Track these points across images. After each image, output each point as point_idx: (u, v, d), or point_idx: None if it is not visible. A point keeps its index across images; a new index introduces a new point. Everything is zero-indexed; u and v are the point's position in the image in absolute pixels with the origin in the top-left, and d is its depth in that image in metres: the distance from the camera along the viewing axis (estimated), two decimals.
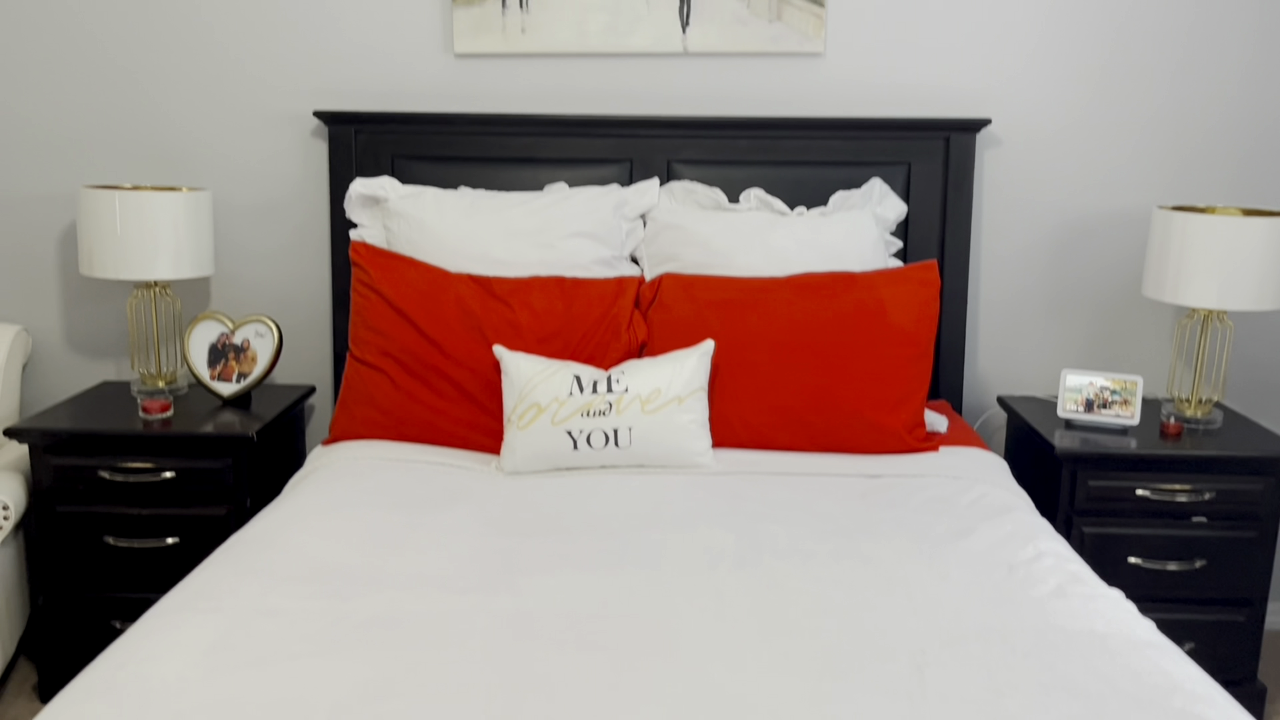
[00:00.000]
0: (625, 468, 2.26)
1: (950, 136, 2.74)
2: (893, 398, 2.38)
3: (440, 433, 2.39)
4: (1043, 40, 2.78)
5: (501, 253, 2.54)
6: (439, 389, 2.40)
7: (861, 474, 2.25)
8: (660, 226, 2.64)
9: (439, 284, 2.47)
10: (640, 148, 2.75)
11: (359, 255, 2.52)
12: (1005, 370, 2.95)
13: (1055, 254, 2.88)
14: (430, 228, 2.57)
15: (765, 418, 2.37)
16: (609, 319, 2.45)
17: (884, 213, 2.68)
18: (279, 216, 2.89)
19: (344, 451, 2.35)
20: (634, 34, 2.77)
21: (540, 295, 2.46)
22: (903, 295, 2.43)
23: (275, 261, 2.91)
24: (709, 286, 2.48)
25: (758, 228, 2.60)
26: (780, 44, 2.77)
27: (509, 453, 2.26)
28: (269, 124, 2.84)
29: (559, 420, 2.23)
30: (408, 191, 2.65)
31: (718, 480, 2.21)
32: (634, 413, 2.23)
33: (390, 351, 2.43)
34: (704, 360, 2.33)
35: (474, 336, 2.40)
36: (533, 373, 2.28)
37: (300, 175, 2.86)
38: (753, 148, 2.75)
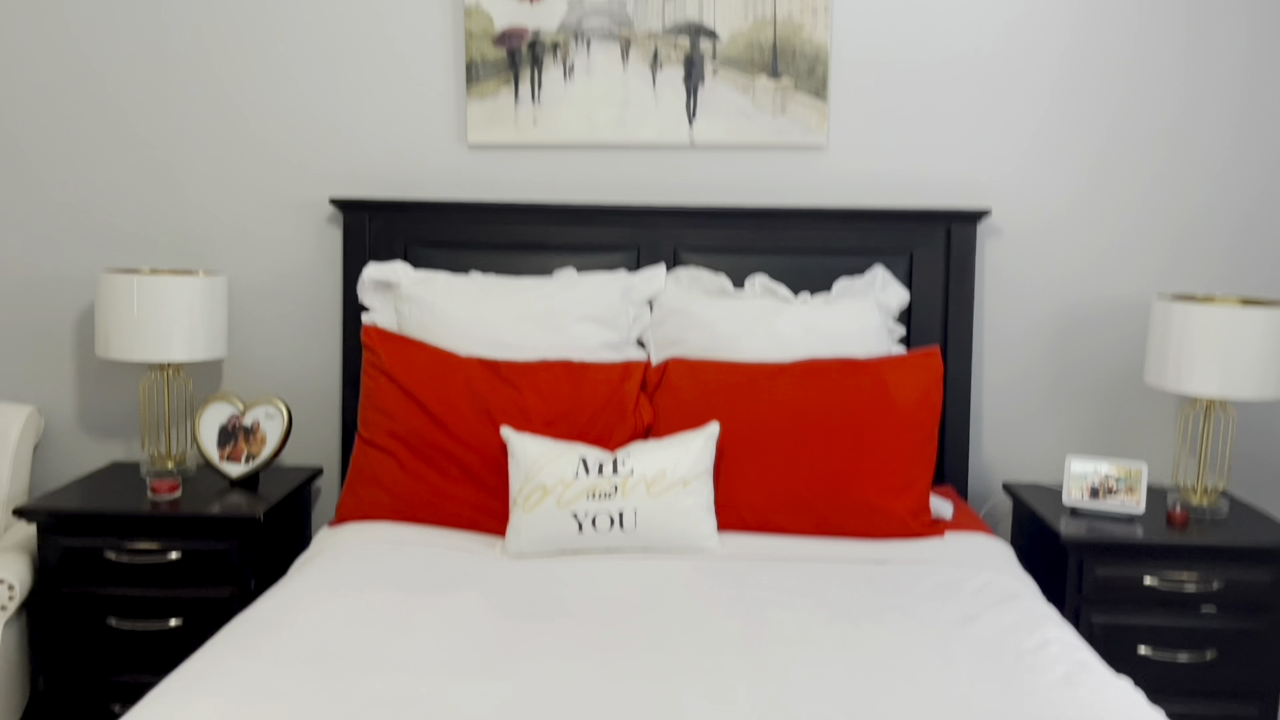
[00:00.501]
0: (630, 551, 2.26)
1: (951, 226, 2.79)
2: (897, 483, 2.38)
3: (446, 515, 2.40)
4: (1040, 132, 2.85)
5: (510, 336, 2.58)
6: (445, 471, 2.41)
7: (867, 559, 2.25)
8: (667, 311, 2.68)
9: (448, 367, 2.50)
10: (648, 235, 2.80)
11: (370, 338, 2.56)
12: (1010, 456, 2.95)
13: (1057, 341, 2.91)
14: (441, 312, 2.61)
15: (770, 501, 2.37)
16: (615, 402, 2.47)
17: (887, 300, 2.71)
18: (292, 300, 2.94)
19: (350, 533, 2.35)
20: (642, 126, 2.85)
21: (548, 378, 2.49)
22: (906, 380, 2.45)
23: (287, 344, 2.95)
24: (714, 370, 2.51)
25: (762, 313, 2.63)
26: (784, 136, 2.84)
27: (514, 535, 2.26)
28: (286, 210, 2.91)
29: (564, 502, 2.24)
30: (419, 276, 2.70)
31: (723, 565, 2.20)
32: (639, 495, 2.24)
33: (398, 433, 2.45)
34: (709, 443, 2.35)
35: (481, 418, 2.42)
36: (539, 454, 2.29)
37: (315, 260, 2.92)
38: (757, 236, 2.80)
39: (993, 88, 2.84)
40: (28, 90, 2.90)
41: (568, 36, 2.83)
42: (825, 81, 2.81)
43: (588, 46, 2.84)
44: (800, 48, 2.81)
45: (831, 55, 2.82)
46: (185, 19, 2.86)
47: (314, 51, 2.87)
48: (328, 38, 2.86)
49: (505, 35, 2.84)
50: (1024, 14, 2.82)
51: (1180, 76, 2.82)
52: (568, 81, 2.85)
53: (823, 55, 2.81)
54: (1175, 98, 2.83)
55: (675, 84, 2.84)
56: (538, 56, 2.84)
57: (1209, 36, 2.80)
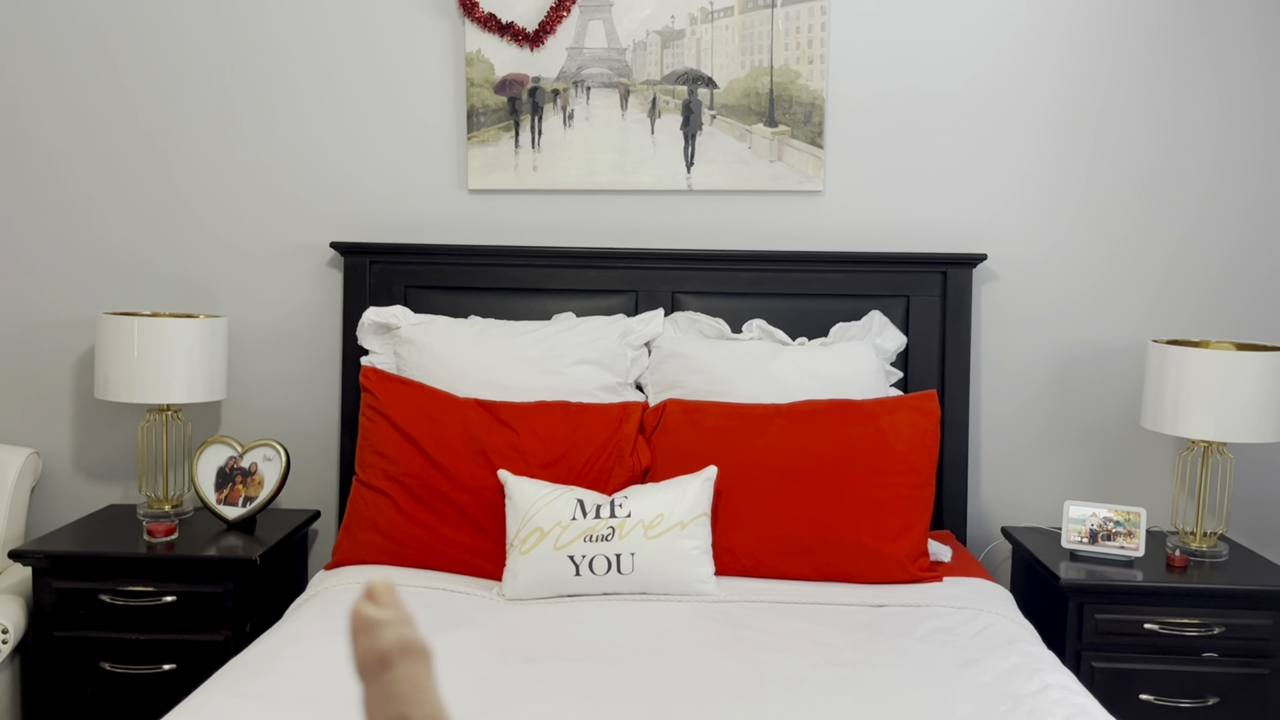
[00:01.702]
0: (627, 595, 2.25)
1: (948, 271, 2.81)
2: (895, 527, 2.38)
3: (442, 558, 2.39)
4: (1033, 177, 2.89)
5: (508, 379, 2.59)
6: (442, 513, 2.41)
7: (865, 603, 2.24)
8: (664, 354, 2.69)
9: (446, 409, 2.50)
10: (646, 279, 2.83)
11: (369, 380, 2.57)
12: (1008, 500, 2.95)
13: (1054, 384, 2.92)
14: (440, 354, 2.63)
15: (768, 545, 2.37)
16: (613, 444, 2.47)
17: (884, 343, 2.73)
18: (292, 342, 2.95)
19: (345, 576, 2.34)
20: (640, 172, 2.88)
21: (545, 420, 2.49)
22: (903, 424, 2.46)
23: (286, 386, 2.96)
24: (712, 413, 2.52)
25: (760, 357, 2.64)
26: (781, 182, 2.88)
27: (510, 578, 2.25)
28: (287, 253, 2.94)
29: (561, 545, 2.23)
30: (419, 320, 2.71)
31: (721, 608, 2.19)
32: (637, 538, 2.23)
33: (395, 475, 2.45)
34: (707, 486, 2.34)
35: (479, 461, 2.43)
36: (536, 497, 2.29)
37: (315, 303, 2.94)
38: (755, 280, 2.82)
39: (984, 131, 2.88)
40: (27, 132, 2.94)
41: (567, 84, 2.88)
42: (821, 128, 2.85)
43: (587, 94, 2.88)
44: (796, 95, 2.85)
45: (827, 103, 2.86)
46: (189, 62, 2.91)
47: (316, 97, 2.91)
48: (330, 83, 2.90)
49: (506, 83, 2.88)
50: (1012, 58, 2.86)
51: (1169, 118, 2.86)
52: (567, 128, 2.89)
53: (819, 103, 2.85)
54: (1164, 139, 2.86)
55: (673, 131, 2.88)
56: (538, 104, 2.88)
57: (1198, 77, 2.85)
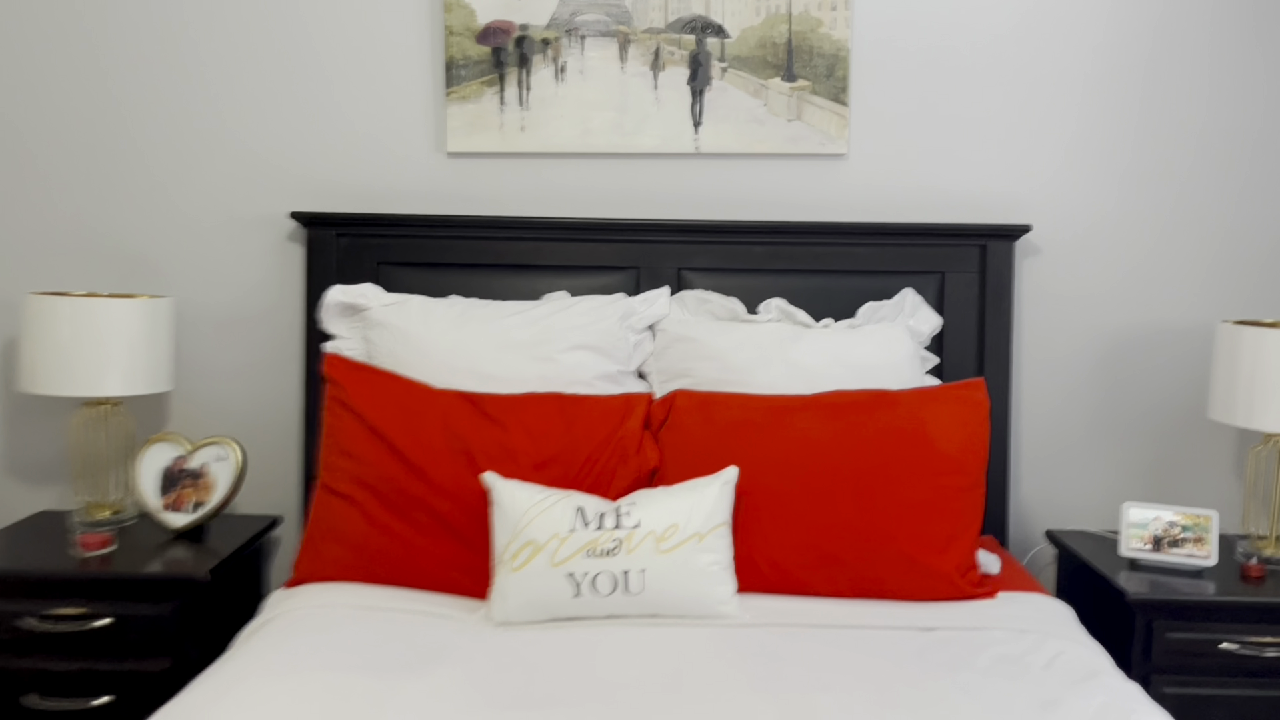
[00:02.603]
0: (636, 618, 1.94)
1: (987, 244, 2.52)
2: (941, 535, 2.07)
3: (420, 574, 2.07)
4: (1085, 137, 2.58)
5: (494, 367, 2.28)
6: (419, 523, 2.09)
7: (912, 626, 1.93)
8: (671, 339, 2.38)
9: (423, 402, 2.18)
10: (648, 254, 2.52)
11: (333, 369, 2.24)
12: (1052, 501, 2.66)
13: (1105, 372, 2.62)
14: (415, 339, 2.31)
15: (796, 558, 2.06)
16: (616, 441, 2.16)
17: (917, 325, 2.44)
18: (248, 327, 2.62)
19: (306, 597, 2.02)
20: (642, 133, 2.56)
21: (537, 414, 2.18)
22: (947, 417, 2.15)
23: (242, 376, 2.63)
24: (728, 405, 2.21)
25: (780, 341, 2.34)
26: (800, 145, 2.56)
27: (499, 599, 1.94)
28: (241, 225, 2.60)
29: (559, 560, 1.92)
30: (391, 299, 2.40)
31: (746, 634, 1.88)
32: (647, 552, 1.92)
33: (364, 479, 2.12)
34: (727, 490, 2.03)
35: (461, 461, 2.11)
36: (529, 504, 1.98)
37: (274, 282, 2.61)
38: (771, 254, 2.52)
39: (1029, 88, 2.57)
40: None
41: (559, 33, 2.54)
42: (845, 84, 2.54)
43: (582, 44, 2.55)
44: (818, 46, 2.53)
45: (852, 54, 2.55)
46: (124, 12, 2.56)
47: (274, 46, 2.57)
48: (288, 34, 2.56)
49: (489, 31, 2.54)
50: (1054, 2, 2.55)
51: (1242, 69, 2.55)
52: (559, 83, 2.56)
53: (843, 54, 2.53)
54: (1234, 94, 2.55)
55: (679, 86, 2.55)
56: (526, 55, 2.55)
57: (1263, 16, 2.54)
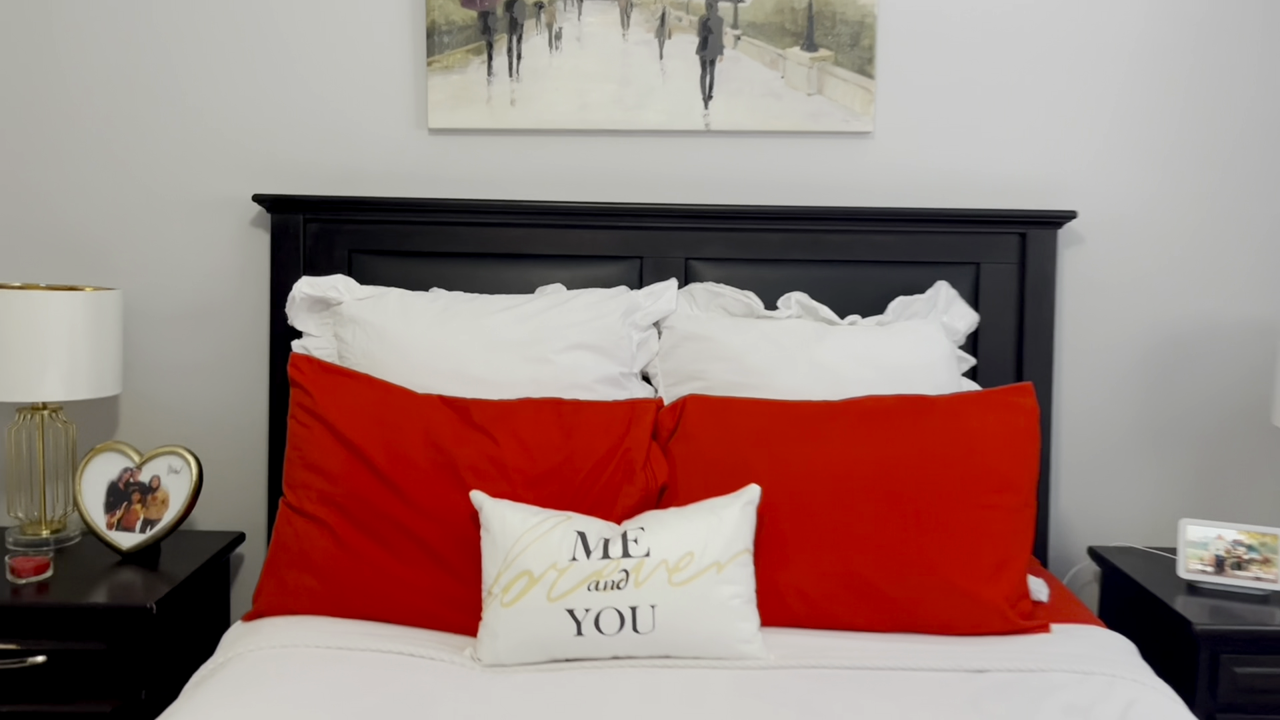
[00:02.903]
0: (646, 660, 1.69)
1: (1027, 232, 2.29)
2: (991, 561, 1.84)
3: (398, 606, 1.82)
4: (1132, 114, 2.34)
5: (482, 369, 2.03)
6: (397, 548, 1.84)
7: (961, 667, 1.69)
8: (679, 337, 2.14)
9: (401, 409, 1.93)
10: (653, 242, 2.27)
11: (299, 372, 1.98)
12: (1094, 514, 2.43)
13: (1155, 372, 2.39)
14: (393, 338, 2.06)
15: (826, 586, 1.82)
16: (620, 455, 1.91)
17: (952, 322, 2.21)
18: (207, 322, 2.36)
19: (267, 635, 1.76)
20: (646, 108, 2.31)
21: (531, 423, 1.93)
22: (995, 426, 1.91)
23: (200, 378, 2.37)
24: (746, 412, 1.97)
25: (802, 339, 2.10)
26: (821, 121, 2.31)
27: (489, 638, 1.69)
28: (198, 209, 2.34)
29: (557, 595, 1.67)
30: (366, 293, 2.15)
31: (772, 680, 1.64)
32: (658, 585, 1.67)
33: (334, 498, 1.87)
34: (749, 511, 1.79)
35: (445, 478, 1.86)
36: (522, 528, 1.73)
37: (235, 272, 2.35)
38: (789, 243, 2.28)
39: (1071, 60, 2.32)
40: None
41: None
42: (872, 54, 2.29)
43: (579, 8, 2.29)
44: (842, 12, 2.28)
45: (880, 21, 2.30)
46: None
47: (233, 13, 2.30)
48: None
49: None
50: None
51: None
52: (554, 52, 2.30)
53: (869, 21, 2.28)
54: None
55: (687, 56, 2.30)
56: (516, 20, 2.29)
57: None
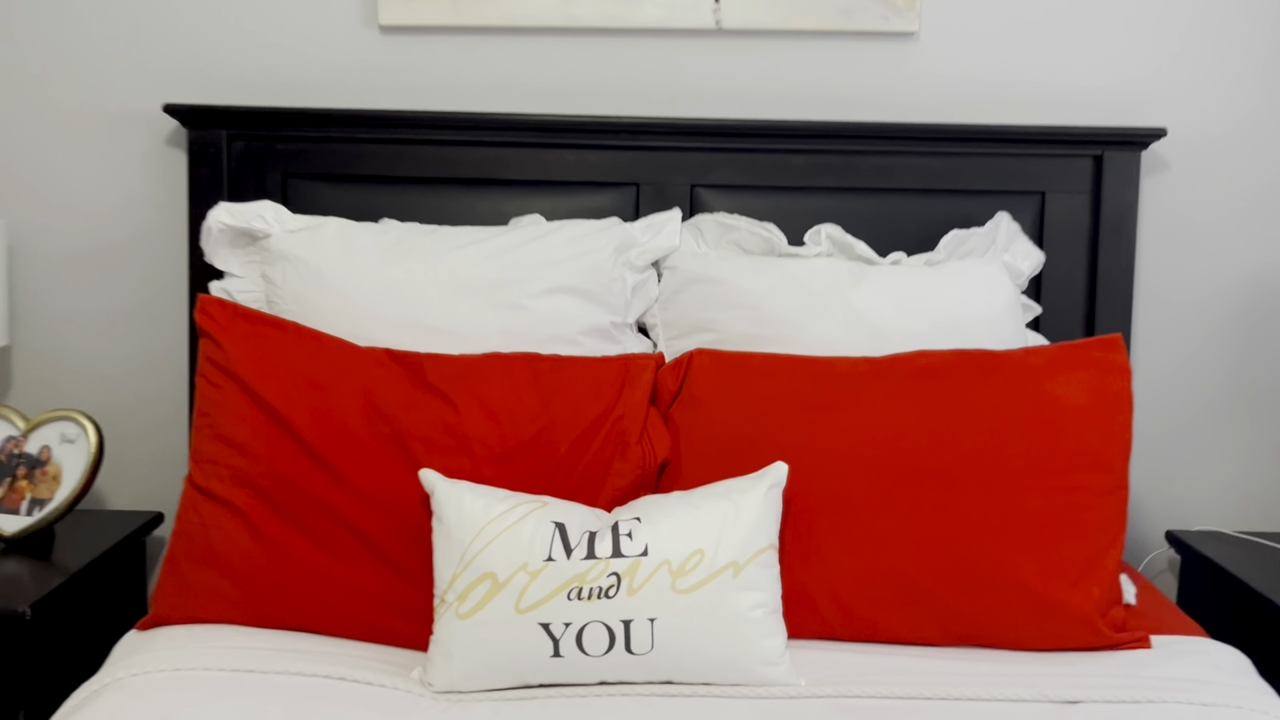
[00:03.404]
0: (643, 687, 1.34)
1: (1103, 154, 1.94)
2: (1075, 559, 1.47)
3: (330, 615, 1.47)
4: (1236, 10, 1.96)
5: (441, 317, 1.68)
6: (330, 540, 1.48)
7: (1047, 697, 1.33)
8: (684, 280, 1.78)
9: (337, 366, 1.56)
10: (652, 165, 1.92)
11: (208, 318, 1.60)
12: (1171, 494, 2.09)
13: (1247, 327, 2.04)
14: (331, 278, 1.70)
15: (869, 592, 1.46)
16: (611, 424, 1.54)
17: (1014, 262, 1.86)
18: (112, 263, 2.01)
19: (160, 652, 1.40)
20: (644, 1, 1.93)
21: (500, 384, 1.56)
22: (1080, 389, 1.54)
23: (103, 329, 2.02)
24: (767, 371, 1.60)
25: (835, 282, 1.74)
26: (856, 19, 1.94)
27: (442, 658, 1.33)
28: (100, 125, 1.99)
29: (529, 605, 1.31)
30: (300, 224, 1.78)
31: (806, 713, 1.28)
32: (659, 592, 1.31)
33: (251, 477, 1.50)
34: (774, 497, 1.42)
35: (390, 453, 1.50)
36: (485, 518, 1.36)
37: (146, 202, 2.00)
38: (817, 167, 1.93)
39: None
40: None
41: None
42: None
43: None
44: None
45: None
46: None
47: None
48: None
49: None
50: None
51: None
52: None
53: None
54: None
55: None
56: None
57: None
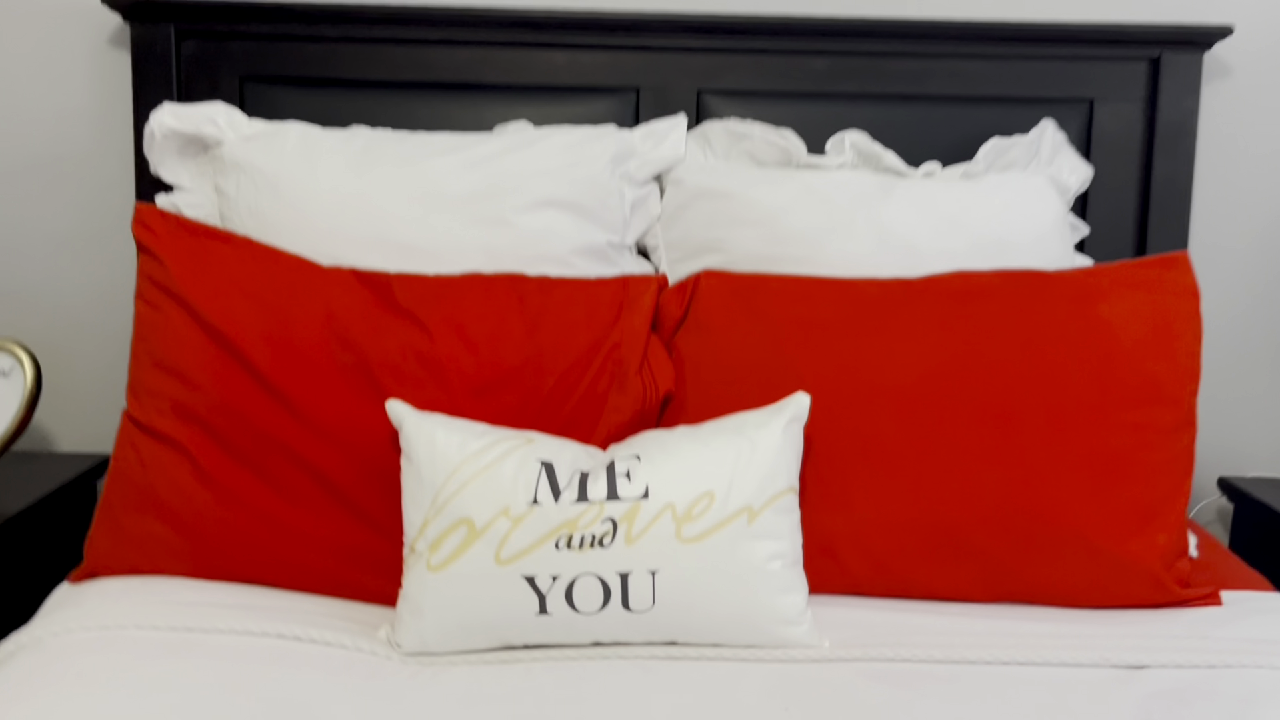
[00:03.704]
0: (643, 649, 1.16)
1: (1161, 56, 1.72)
2: (1138, 505, 1.29)
3: (286, 567, 1.29)
4: None
5: (415, 233, 1.48)
6: (285, 483, 1.29)
7: (1109, 661, 1.16)
8: (690, 194, 1.58)
9: (295, 286, 1.37)
10: (654, 68, 1.71)
11: (148, 231, 1.40)
12: (1224, 438, 1.91)
13: None
14: (291, 190, 1.50)
15: (901, 541, 1.28)
16: (606, 352, 1.35)
17: (1059, 176, 1.66)
18: (50, 179, 1.80)
19: (90, 608, 1.22)
20: None
21: (481, 307, 1.37)
22: (1142, 313, 1.35)
23: (44, 253, 1.82)
24: (785, 294, 1.41)
25: (861, 196, 1.54)
26: None
27: (412, 616, 1.15)
28: (29, 23, 1.76)
29: (511, 555, 1.13)
30: (257, 129, 1.57)
31: (830, 679, 1.11)
32: (661, 540, 1.13)
33: (195, 411, 1.31)
34: (793, 432, 1.23)
35: (355, 384, 1.31)
36: (460, 456, 1.17)
37: (87, 109, 1.79)
38: (839, 70, 1.72)
39: None
40: None
41: None
42: None
43: None
44: None
45: None
46: None
47: None
48: None
49: None
50: None
51: None
52: None
53: None
54: None
55: None
56: None
57: None
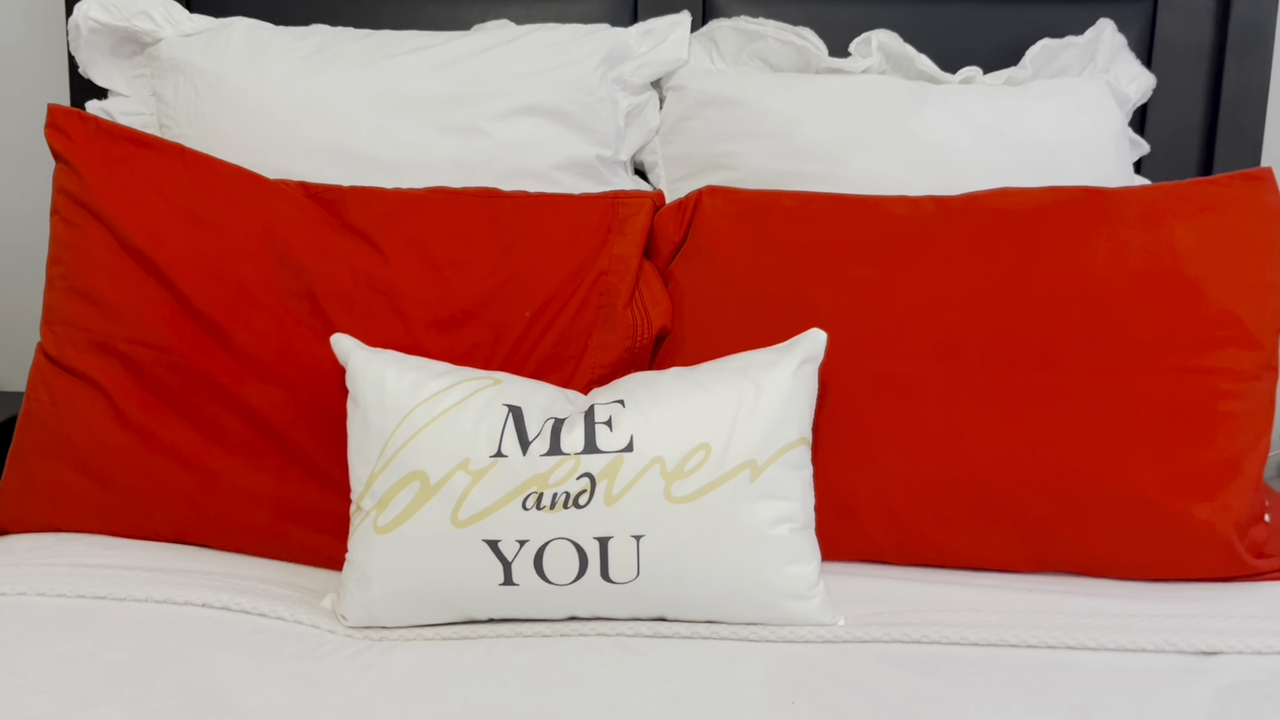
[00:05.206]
0: (626, 625, 1.01)
1: None
2: (1210, 462, 1.10)
3: (219, 523, 1.14)
4: None
5: (377, 143, 1.31)
6: (218, 427, 1.13)
7: (1175, 646, 0.99)
8: (693, 103, 1.39)
9: (232, 201, 1.19)
10: None
11: (63, 136, 1.22)
12: None
13: None
14: (235, 93, 1.33)
15: (931, 500, 1.11)
16: (592, 281, 1.18)
17: (1115, 84, 1.47)
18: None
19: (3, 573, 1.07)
20: None
21: (446, 226, 1.19)
22: (1218, 237, 1.15)
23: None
24: (802, 214, 1.22)
25: (890, 103, 1.36)
26: None
27: (357, 585, 0.99)
28: None
29: (470, 515, 0.96)
30: (199, 25, 1.39)
31: (846, 666, 0.95)
32: (648, 499, 0.96)
33: (115, 345, 1.15)
34: (806, 374, 1.05)
35: (297, 313, 1.14)
36: (414, 399, 1.00)
37: (14, 11, 1.61)
38: None
39: None
40: None
41: None
42: None
43: None
44: None
45: None
46: None
47: None
48: None
49: None
50: None
51: None
52: None
53: None
54: None
55: None
56: None
57: None
